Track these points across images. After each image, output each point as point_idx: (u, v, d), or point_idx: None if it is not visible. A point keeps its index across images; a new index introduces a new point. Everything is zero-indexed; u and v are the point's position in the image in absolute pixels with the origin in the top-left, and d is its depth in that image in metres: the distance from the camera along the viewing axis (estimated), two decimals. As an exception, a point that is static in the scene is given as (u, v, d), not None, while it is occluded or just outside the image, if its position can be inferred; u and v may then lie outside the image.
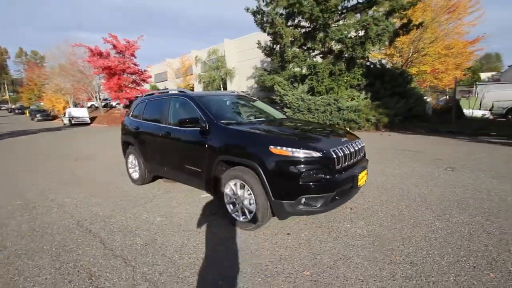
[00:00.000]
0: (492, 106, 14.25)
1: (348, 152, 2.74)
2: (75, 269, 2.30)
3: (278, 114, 4.25)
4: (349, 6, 13.98)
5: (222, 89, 37.56)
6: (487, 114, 14.02)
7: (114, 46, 20.42)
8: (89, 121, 23.72)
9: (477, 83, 17.49)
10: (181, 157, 3.57)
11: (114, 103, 29.15)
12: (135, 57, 22.03)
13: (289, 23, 14.94)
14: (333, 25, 14.03)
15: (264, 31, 15.87)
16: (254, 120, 3.65)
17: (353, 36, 12.79)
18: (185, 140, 3.48)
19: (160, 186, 4.57)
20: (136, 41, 21.28)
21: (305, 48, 15.48)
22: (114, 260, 2.42)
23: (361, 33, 13.26)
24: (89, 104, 29.28)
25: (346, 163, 2.71)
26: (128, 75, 22.02)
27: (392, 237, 2.64)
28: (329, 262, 2.27)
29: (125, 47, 20.74)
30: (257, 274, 2.14)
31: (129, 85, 22.36)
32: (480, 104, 14.25)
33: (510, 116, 13.53)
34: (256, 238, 2.70)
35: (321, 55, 15.30)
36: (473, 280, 1.99)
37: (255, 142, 2.73)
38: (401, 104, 13.05)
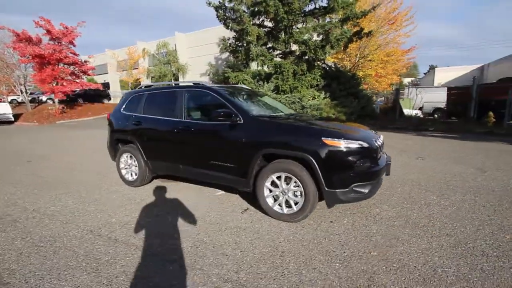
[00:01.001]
0: (423, 106, 16.96)
1: (380, 143, 3.02)
2: (136, 282, 2.02)
3: (288, 109, 4.34)
4: (307, 10, 14.77)
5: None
6: (419, 113, 16.61)
7: (48, 32, 17.54)
8: (13, 119, 19.88)
9: (409, 86, 20.60)
10: (205, 153, 3.37)
11: (44, 98, 25.01)
12: (74, 46, 19.27)
13: (253, 21, 15.06)
14: (295, 28, 14.72)
15: (227, 27, 15.71)
16: (279, 114, 3.67)
17: (314, 40, 13.62)
18: (212, 135, 3.30)
19: (160, 187, 4.21)
20: (76, 28, 18.64)
21: (267, 47, 15.88)
22: (173, 265, 2.19)
23: (319, 37, 14.26)
24: (9, 98, 24.45)
25: (380, 153, 2.98)
26: (66, 65, 19.17)
27: (418, 216, 3.01)
28: (385, 242, 2.48)
29: (62, 33, 17.99)
30: (332, 261, 2.21)
31: (66, 78, 19.48)
32: (413, 105, 16.83)
33: (435, 115, 16.31)
34: (304, 228, 2.77)
35: (281, 55, 15.88)
36: (498, 242, 2.44)
37: (306, 134, 2.78)
38: (355, 103, 14.46)
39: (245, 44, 15.07)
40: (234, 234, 2.70)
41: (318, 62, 15.25)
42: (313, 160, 2.62)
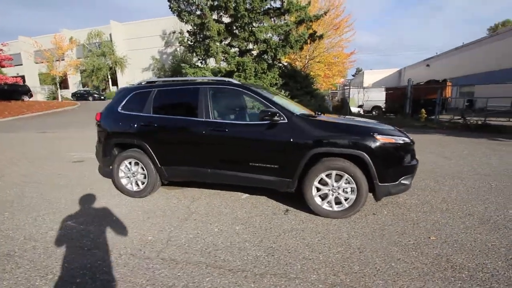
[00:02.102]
0: (363, 105, 19.22)
1: None
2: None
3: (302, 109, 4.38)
4: (262, 11, 14.97)
5: (110, 80, 31.82)
6: (361, 110, 18.78)
7: None
8: None
9: (351, 87, 23.13)
10: (244, 155, 3.16)
11: None
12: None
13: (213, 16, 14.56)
14: (254, 26, 14.80)
15: (182, 20, 14.87)
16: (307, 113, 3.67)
17: (275, 40, 13.96)
18: (252, 136, 3.11)
19: (172, 195, 3.79)
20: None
21: (225, 44, 15.61)
22: (266, 278, 2.02)
23: (277, 37, 14.71)
24: None
25: None
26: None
27: (442, 200, 3.44)
28: (432, 226, 2.77)
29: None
30: (407, 250, 2.37)
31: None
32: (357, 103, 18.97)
33: (374, 112, 18.69)
34: (357, 223, 2.88)
35: (238, 54, 15.82)
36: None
37: (359, 132, 2.87)
38: (312, 102, 15.43)
39: (204, 40, 14.46)
40: (296, 237, 2.63)
41: (277, 62, 15.70)
42: (368, 157, 2.74)
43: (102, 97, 28.57)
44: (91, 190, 4.08)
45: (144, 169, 3.58)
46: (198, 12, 15.22)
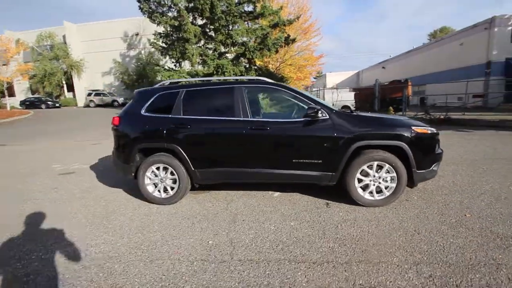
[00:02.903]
0: (333, 104, 20.45)
1: None
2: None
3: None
4: (238, 14, 15.11)
5: (65, 86, 28.94)
6: (332, 110, 19.95)
7: None
8: None
9: (319, 88, 24.37)
10: (288, 153, 3.19)
11: None
12: None
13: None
14: (230, 29, 14.82)
15: (154, 22, 14.34)
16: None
17: (252, 43, 14.13)
18: (296, 133, 3.16)
19: (204, 199, 3.68)
20: None
21: (199, 46, 15.40)
22: (360, 266, 2.09)
23: (255, 41, 14.92)
24: None
25: None
26: None
27: (453, 183, 3.85)
28: (461, 205, 3.11)
29: None
30: (456, 228, 2.64)
31: None
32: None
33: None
34: (396, 210, 3.10)
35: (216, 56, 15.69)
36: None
37: (399, 125, 3.10)
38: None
39: (179, 42, 14.05)
40: (354, 226, 2.75)
41: (253, 65, 15.88)
42: (407, 147, 2.99)
43: (57, 105, 25.92)
44: (106, 202, 3.75)
45: (175, 173, 3.41)
46: (171, 14, 14.80)
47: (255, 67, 16.68)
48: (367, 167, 3.10)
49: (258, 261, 2.23)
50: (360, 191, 3.16)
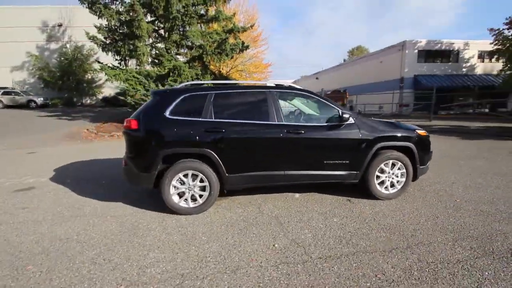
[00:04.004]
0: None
1: None
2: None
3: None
4: (195, 15, 14.71)
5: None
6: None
7: None
8: None
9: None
10: (320, 155, 3.39)
11: None
12: None
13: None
14: (184, 30, 14.27)
15: (95, 14, 12.81)
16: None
17: (209, 47, 13.89)
18: (328, 136, 3.39)
19: (222, 206, 3.58)
20: None
21: (153, 46, 14.41)
22: (412, 249, 2.44)
23: (212, 45, 14.72)
24: None
25: None
26: None
27: (438, 176, 4.69)
28: (450, 194, 3.87)
29: None
30: (468, 216, 3.30)
31: None
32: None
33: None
34: (407, 201, 3.65)
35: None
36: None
37: (407, 129, 3.65)
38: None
39: (128, 39, 12.78)
40: (388, 217, 3.14)
41: (207, 69, 15.63)
42: (414, 147, 3.59)
43: None
44: (115, 218, 3.26)
45: (205, 180, 3.23)
46: (114, 6, 13.37)
47: (209, 71, 16.44)
48: (384, 165, 3.58)
49: (336, 256, 2.37)
50: (378, 186, 3.61)
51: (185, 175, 3.21)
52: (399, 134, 3.61)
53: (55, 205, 3.70)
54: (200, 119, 3.22)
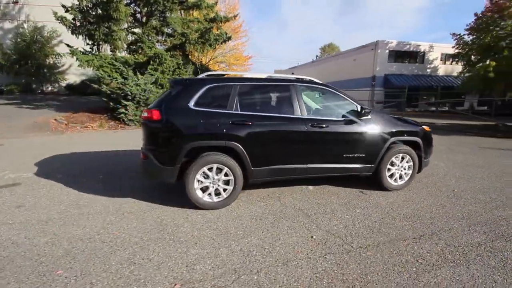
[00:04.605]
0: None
1: None
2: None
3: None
4: (177, 1, 13.99)
5: None
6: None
7: None
8: None
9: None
10: (341, 148, 3.49)
11: None
12: None
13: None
14: (165, 16, 13.54)
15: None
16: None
17: (193, 35, 13.37)
18: (349, 131, 3.50)
19: (242, 200, 3.57)
20: None
21: (131, 31, 13.51)
22: (436, 237, 2.65)
23: (194, 33, 14.16)
24: None
25: None
26: None
27: (430, 168, 5.07)
28: (446, 185, 4.24)
29: None
30: (469, 204, 3.64)
31: None
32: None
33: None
34: (414, 192, 3.94)
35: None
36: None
37: (415, 125, 3.91)
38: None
39: (103, 22, 11.80)
40: (403, 207, 3.36)
41: (189, 58, 15.08)
42: (421, 141, 3.86)
43: None
44: (134, 215, 3.07)
45: (230, 174, 3.16)
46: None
47: (191, 61, 15.87)
48: (395, 158, 3.80)
49: (375, 245, 2.49)
50: (388, 179, 3.84)
51: (209, 169, 3.11)
52: (409, 129, 3.85)
53: (56, 203, 3.37)
54: (226, 111, 3.13)
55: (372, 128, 3.61)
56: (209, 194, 3.16)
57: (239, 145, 3.11)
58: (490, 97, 18.40)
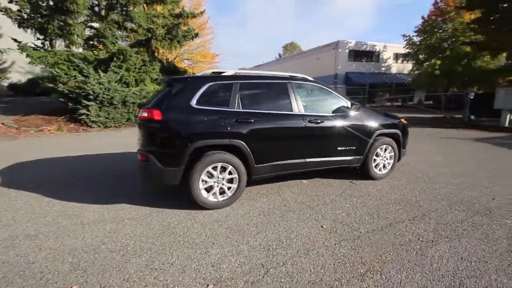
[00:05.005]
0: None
1: None
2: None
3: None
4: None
5: None
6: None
7: None
8: None
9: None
10: (335, 142, 3.68)
11: None
12: None
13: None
14: (127, 9, 12.75)
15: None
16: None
17: (161, 30, 12.78)
18: (341, 125, 3.71)
19: (244, 197, 3.61)
20: None
21: (86, 25, 12.48)
22: (428, 216, 2.99)
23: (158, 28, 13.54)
24: None
25: None
26: None
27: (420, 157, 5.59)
28: (419, 171, 4.73)
29: None
30: (459, 189, 4.10)
31: None
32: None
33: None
34: (395, 179, 4.34)
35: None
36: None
37: (395, 117, 4.27)
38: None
39: (56, 15, 10.69)
40: (391, 193, 3.69)
41: (155, 55, 14.43)
42: (400, 133, 4.25)
43: None
44: (130, 220, 2.92)
45: (234, 172, 3.16)
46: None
47: (157, 59, 15.16)
48: (379, 149, 4.14)
49: (379, 229, 2.71)
50: (374, 168, 4.17)
51: (214, 168, 3.07)
52: (391, 122, 4.22)
53: (39, 215, 3.04)
54: (229, 109, 3.11)
55: (361, 122, 3.89)
56: (214, 193, 3.13)
57: (243, 143, 3.12)
58: (435, 93, 20.71)
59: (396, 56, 26.79)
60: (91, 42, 12.39)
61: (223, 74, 3.34)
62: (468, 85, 19.36)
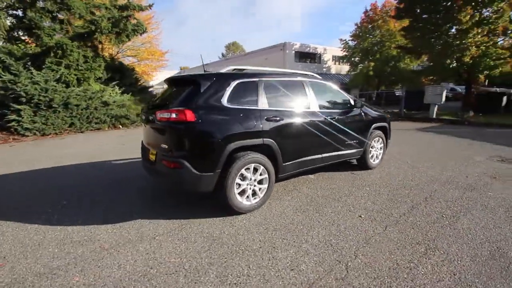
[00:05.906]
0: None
1: None
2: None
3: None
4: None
5: None
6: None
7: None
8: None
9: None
10: (344, 137, 3.86)
11: None
12: None
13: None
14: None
15: None
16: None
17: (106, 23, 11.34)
18: (352, 120, 4.00)
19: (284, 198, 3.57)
20: None
21: (8, 13, 10.38)
22: (434, 198, 3.43)
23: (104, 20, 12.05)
24: None
25: None
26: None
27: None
28: (406, 160, 5.37)
29: None
30: (417, 172, 4.72)
31: None
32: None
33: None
34: (387, 168, 4.83)
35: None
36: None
37: (382, 112, 4.71)
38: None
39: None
40: (393, 180, 4.10)
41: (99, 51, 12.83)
42: (388, 126, 4.75)
43: None
44: (162, 236, 2.59)
45: (264, 172, 3.07)
46: None
47: (101, 54, 13.46)
48: (374, 141, 4.55)
49: (407, 212, 2.99)
50: (370, 159, 4.57)
51: (248, 169, 2.93)
52: (381, 116, 4.68)
53: (41, 247, 2.41)
54: (258, 107, 2.99)
55: (364, 117, 4.24)
56: (247, 196, 2.98)
57: (274, 142, 3.05)
58: (366, 91, 23.54)
59: (335, 58, 29.49)
60: (15, 34, 10.22)
61: (244, 71, 3.20)
62: (394, 84, 22.62)
